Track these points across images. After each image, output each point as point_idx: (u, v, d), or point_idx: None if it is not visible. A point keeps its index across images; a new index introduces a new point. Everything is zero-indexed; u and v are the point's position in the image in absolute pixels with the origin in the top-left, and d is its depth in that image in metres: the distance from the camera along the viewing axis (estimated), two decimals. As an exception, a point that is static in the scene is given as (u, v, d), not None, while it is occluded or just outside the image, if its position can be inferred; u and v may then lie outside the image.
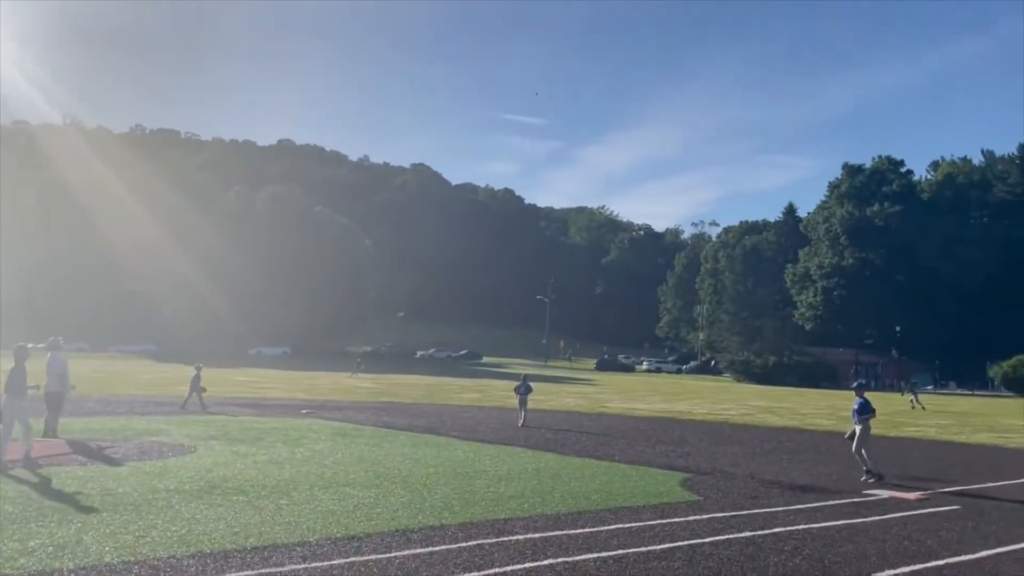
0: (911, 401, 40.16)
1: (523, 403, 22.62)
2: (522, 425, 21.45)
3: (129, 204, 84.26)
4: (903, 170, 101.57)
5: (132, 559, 7.03)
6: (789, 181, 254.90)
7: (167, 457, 13.44)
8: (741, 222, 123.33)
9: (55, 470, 11.58)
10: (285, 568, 6.91)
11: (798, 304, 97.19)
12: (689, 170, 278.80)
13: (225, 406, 24.85)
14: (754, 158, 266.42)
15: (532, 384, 24.02)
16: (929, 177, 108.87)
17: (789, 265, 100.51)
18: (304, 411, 23.97)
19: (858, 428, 13.73)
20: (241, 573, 6.72)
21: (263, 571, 6.80)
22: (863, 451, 13.62)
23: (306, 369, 61.87)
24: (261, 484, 11.04)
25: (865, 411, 13.77)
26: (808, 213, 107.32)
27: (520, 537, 8.39)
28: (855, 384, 14.94)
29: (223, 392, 31.08)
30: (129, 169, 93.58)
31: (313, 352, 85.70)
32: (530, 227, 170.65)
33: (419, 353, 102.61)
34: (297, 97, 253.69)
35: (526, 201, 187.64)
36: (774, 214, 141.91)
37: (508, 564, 7.29)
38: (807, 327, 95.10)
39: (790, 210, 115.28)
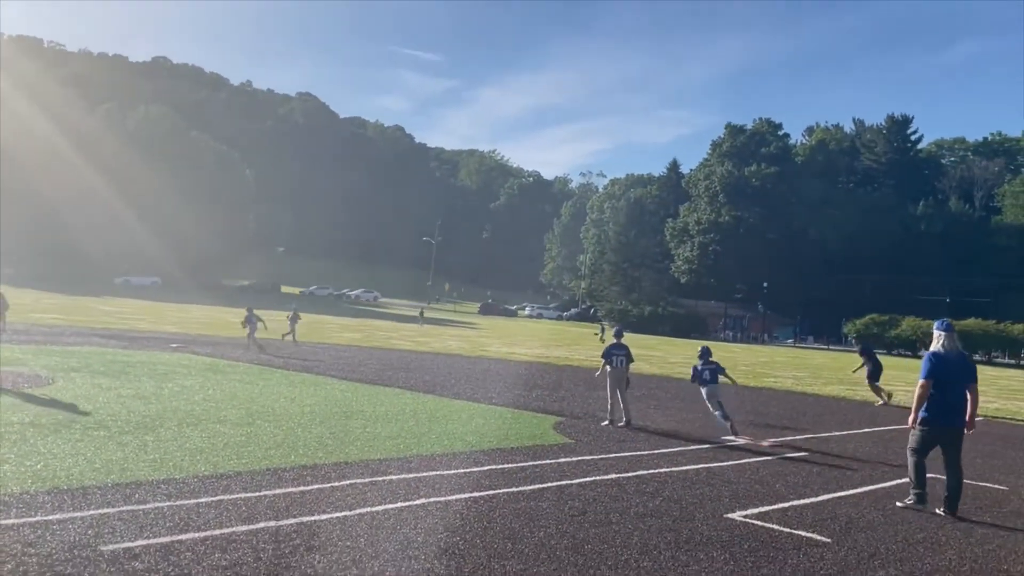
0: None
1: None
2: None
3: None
4: (781, 133, 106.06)
5: (-21, 495, 6.66)
6: (676, 137, 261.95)
7: (23, 388, 12.71)
8: (628, 175, 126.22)
9: None
10: (148, 505, 6.72)
11: (676, 257, 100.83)
12: (581, 120, 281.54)
13: (87, 337, 23.65)
14: (645, 112, 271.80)
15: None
16: (804, 141, 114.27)
17: (670, 219, 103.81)
18: (174, 345, 23.14)
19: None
20: (101, 510, 6.49)
21: (125, 508, 6.59)
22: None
23: (177, 301, 59.51)
24: (125, 419, 10.63)
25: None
26: (691, 170, 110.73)
27: (394, 477, 8.47)
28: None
29: (84, 322, 29.55)
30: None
31: (186, 284, 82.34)
32: (420, 167, 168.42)
33: (300, 290, 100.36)
34: (175, 11, 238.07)
35: (416, 140, 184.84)
36: (659, 169, 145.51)
37: (380, 504, 7.35)
38: (683, 280, 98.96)
39: (674, 166, 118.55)
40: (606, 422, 13.53)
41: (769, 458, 11.47)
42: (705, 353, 14.17)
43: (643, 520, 7.43)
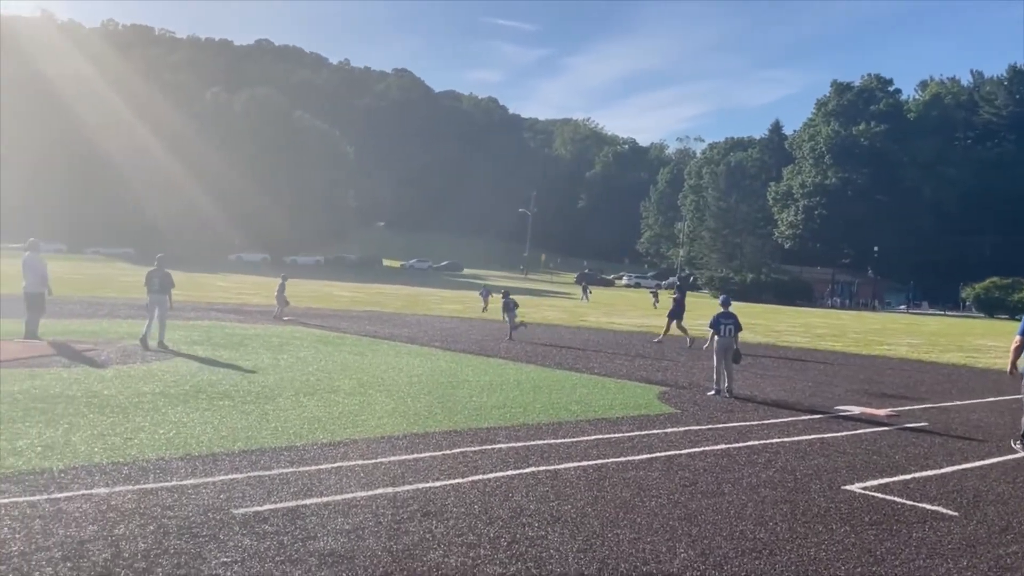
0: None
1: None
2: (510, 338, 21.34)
3: (106, 100, 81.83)
4: (891, 89, 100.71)
5: (121, 460, 7.13)
6: (777, 98, 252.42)
7: (150, 361, 13.50)
8: (727, 138, 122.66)
9: (39, 371, 11.61)
10: (273, 472, 7.05)
11: (779, 222, 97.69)
12: (677, 84, 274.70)
13: (206, 311, 24.86)
14: (743, 74, 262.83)
15: (515, 299, 23.81)
16: (917, 97, 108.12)
17: (772, 183, 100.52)
18: (286, 318, 24.05)
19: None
20: (230, 476, 6.85)
21: (252, 474, 6.93)
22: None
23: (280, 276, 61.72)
24: (246, 389, 11.16)
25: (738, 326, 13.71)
26: (794, 131, 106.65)
27: (503, 445, 8.59)
28: (721, 298, 14.51)
29: (202, 297, 31.06)
30: (104, 64, 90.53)
31: (294, 260, 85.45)
32: (514, 138, 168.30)
33: (401, 263, 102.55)
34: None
35: (510, 111, 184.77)
36: (760, 131, 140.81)
37: (491, 471, 7.48)
38: (786, 245, 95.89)
39: (776, 128, 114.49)
40: (713, 392, 13.31)
41: (887, 428, 11.05)
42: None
43: (756, 491, 7.29)
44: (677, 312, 23.45)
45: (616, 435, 9.52)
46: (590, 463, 8.02)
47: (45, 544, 5.05)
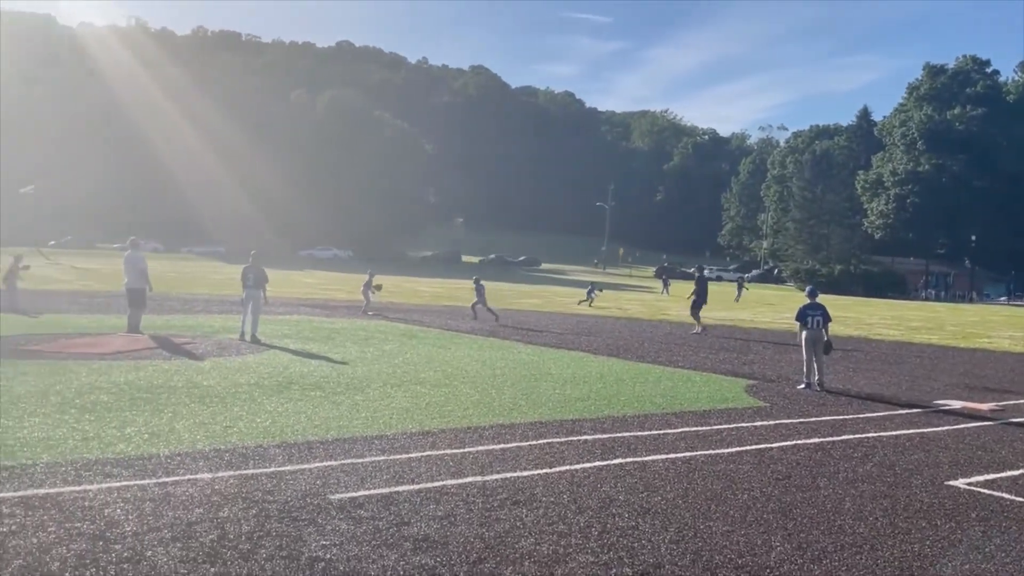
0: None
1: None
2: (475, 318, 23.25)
3: (195, 106, 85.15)
4: (988, 71, 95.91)
5: (222, 447, 7.42)
6: (864, 83, 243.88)
7: (244, 354, 13.98)
8: (812, 126, 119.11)
9: (142, 363, 12.17)
10: (366, 459, 7.21)
11: (868, 212, 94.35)
12: (759, 72, 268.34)
13: (295, 307, 25.59)
14: (828, 59, 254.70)
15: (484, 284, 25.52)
16: (1016, 78, 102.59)
17: (861, 171, 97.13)
18: (370, 312, 24.53)
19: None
20: (325, 463, 7.04)
21: (345, 461, 7.11)
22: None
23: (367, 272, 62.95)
24: (336, 381, 11.44)
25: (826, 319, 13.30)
26: (884, 117, 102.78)
27: (589, 437, 8.57)
28: (808, 289, 14.22)
29: (291, 293, 31.96)
30: (192, 72, 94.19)
31: (375, 255, 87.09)
32: (591, 132, 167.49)
33: (478, 259, 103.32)
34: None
35: (587, 104, 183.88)
36: (847, 118, 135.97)
37: (579, 462, 7.47)
38: (877, 236, 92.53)
39: (864, 114, 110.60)
40: (803, 385, 12.97)
41: (990, 423, 10.56)
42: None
43: (854, 485, 7.08)
44: (699, 300, 23.12)
45: (703, 428, 9.38)
46: (678, 455, 7.93)
47: (156, 525, 5.29)
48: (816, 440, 8.97)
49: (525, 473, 7.00)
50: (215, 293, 29.78)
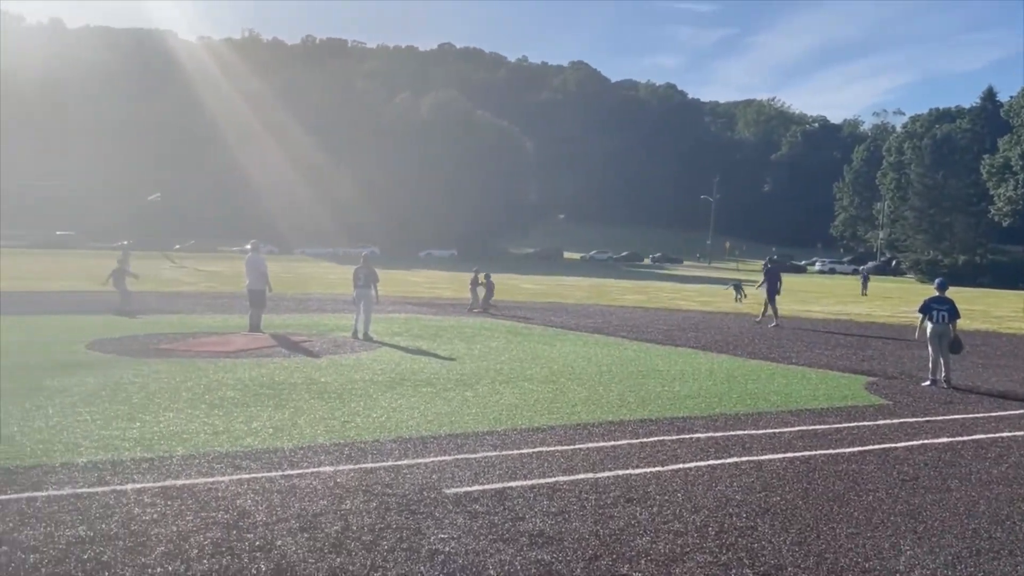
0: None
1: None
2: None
3: (305, 113, 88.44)
4: None
5: (341, 441, 7.69)
6: (989, 62, 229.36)
7: (358, 351, 14.42)
8: (931, 110, 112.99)
9: (264, 361, 12.74)
10: (478, 455, 7.33)
11: (995, 198, 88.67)
12: (872, 55, 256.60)
13: (403, 305, 26.21)
14: (948, 38, 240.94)
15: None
16: None
17: (986, 156, 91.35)
18: (475, 310, 24.86)
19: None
20: (439, 458, 7.20)
21: (459, 456, 7.25)
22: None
23: (472, 271, 63.81)
24: (446, 377, 11.66)
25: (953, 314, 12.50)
26: (1011, 97, 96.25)
27: (701, 435, 8.43)
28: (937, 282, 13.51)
29: (400, 292, 32.74)
30: (303, 79, 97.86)
31: (477, 254, 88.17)
32: (694, 123, 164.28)
33: (581, 255, 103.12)
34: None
35: (689, 96, 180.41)
36: (970, 100, 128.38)
37: (692, 460, 7.37)
38: (1005, 223, 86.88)
39: (989, 95, 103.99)
40: (927, 382, 12.35)
41: None
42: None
43: (988, 488, 6.70)
44: (772, 292, 22.62)
45: (822, 426, 9.07)
46: (796, 455, 7.70)
47: (284, 516, 5.55)
48: (944, 440, 8.53)
49: (637, 471, 6.96)
50: (329, 292, 30.85)
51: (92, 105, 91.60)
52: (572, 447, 7.74)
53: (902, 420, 9.59)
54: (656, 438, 8.23)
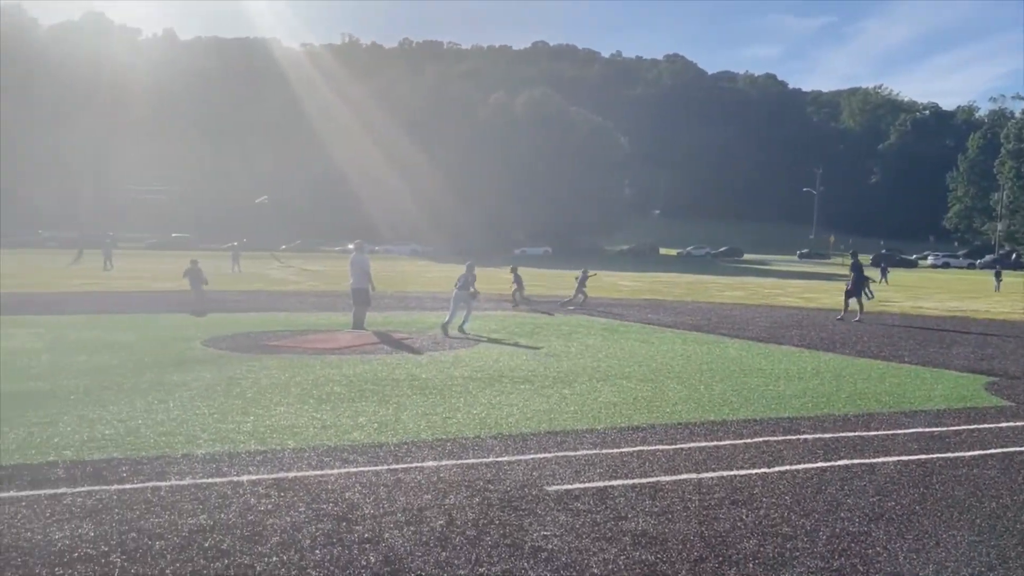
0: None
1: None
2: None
3: (403, 115, 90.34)
4: None
5: (443, 437, 7.83)
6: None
7: (457, 348, 14.63)
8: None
9: (367, 358, 13.08)
10: (578, 452, 7.32)
11: None
12: (988, 36, 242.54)
13: (498, 302, 26.42)
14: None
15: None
16: None
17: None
18: (571, 308, 24.83)
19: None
20: (539, 455, 7.23)
21: (559, 454, 7.26)
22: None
23: (566, 268, 63.78)
24: (543, 375, 11.69)
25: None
26: None
27: (808, 436, 8.18)
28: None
29: (496, 289, 33.04)
30: (400, 82, 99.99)
31: (571, 251, 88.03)
32: (795, 114, 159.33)
33: (677, 251, 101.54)
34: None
35: (790, 86, 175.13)
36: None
37: (799, 462, 7.15)
38: None
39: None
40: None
41: None
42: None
43: None
44: (857, 288, 22.06)
45: (938, 429, 8.65)
46: (911, 458, 7.36)
47: (391, 509, 5.69)
48: (1077, 445, 7.99)
49: (742, 472, 6.81)
50: (426, 291, 31.42)
51: (201, 111, 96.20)
52: (673, 447, 7.64)
53: (1028, 423, 9.04)
54: (761, 439, 8.03)
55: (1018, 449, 7.76)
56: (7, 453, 6.91)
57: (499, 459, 7.07)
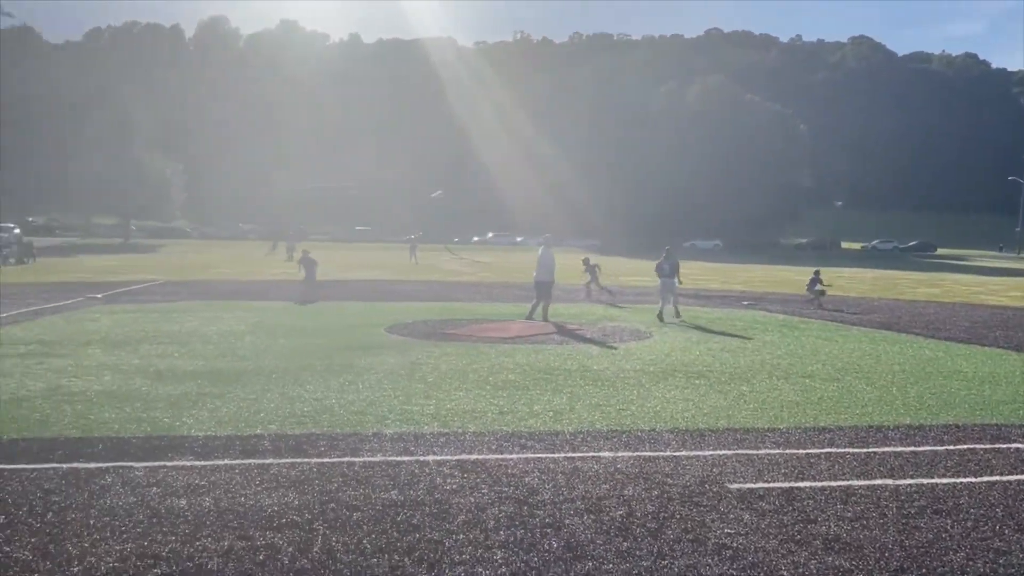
0: None
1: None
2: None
3: (572, 107, 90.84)
4: None
5: (618, 428, 7.81)
6: None
7: (627, 341, 14.54)
8: None
9: (540, 347, 13.27)
10: (760, 451, 7.08)
11: None
12: None
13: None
14: None
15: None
16: None
17: None
18: (745, 303, 24.01)
19: None
20: (718, 452, 7.05)
21: (739, 452, 7.04)
22: None
23: (739, 262, 61.72)
24: (719, 371, 11.38)
25: None
26: None
27: (1020, 446, 7.46)
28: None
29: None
30: (569, 77, 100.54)
31: (744, 245, 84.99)
32: (999, 95, 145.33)
33: (861, 245, 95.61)
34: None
35: (993, 65, 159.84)
36: None
37: (1011, 473, 6.55)
38: None
39: None
40: None
41: None
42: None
43: None
44: None
45: None
46: None
47: (569, 496, 5.75)
48: None
49: (944, 480, 6.32)
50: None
51: (381, 110, 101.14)
52: (865, 450, 7.20)
53: None
54: (965, 446, 7.41)
55: None
56: (221, 424, 7.61)
57: (676, 453, 6.96)
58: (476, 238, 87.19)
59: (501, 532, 5.02)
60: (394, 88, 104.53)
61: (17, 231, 47.09)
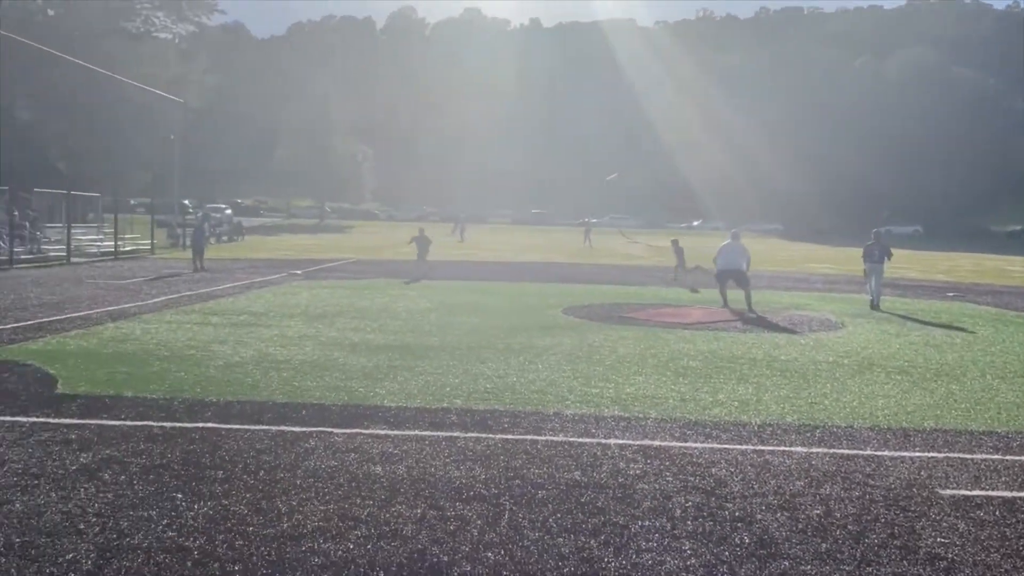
0: None
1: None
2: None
3: (760, 86, 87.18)
4: None
5: (810, 423, 7.38)
6: None
7: (817, 331, 13.76)
8: None
9: (720, 335, 12.84)
10: (976, 456, 6.45)
11: None
12: None
13: (861, 284, 24.37)
14: None
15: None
16: None
17: None
18: (950, 294, 22.08)
19: None
20: (927, 453, 6.50)
21: (951, 455, 6.46)
22: None
23: (942, 249, 56.86)
24: (922, 366, 10.50)
25: None
26: None
27: None
28: None
29: (845, 270, 30.56)
30: (755, 54, 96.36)
31: (946, 230, 78.18)
32: None
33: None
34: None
35: None
36: None
37: None
38: None
39: None
40: None
41: None
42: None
43: None
44: None
45: None
46: None
47: (760, 491, 5.49)
48: None
49: None
50: (778, 270, 30.04)
51: (555, 94, 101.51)
52: (1103, 462, 6.39)
53: None
54: None
55: None
56: (411, 397, 7.93)
57: (878, 453, 6.49)
58: (696, 222, 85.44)
59: (689, 523, 4.88)
60: (572, 69, 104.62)
61: (229, 211, 51.53)
